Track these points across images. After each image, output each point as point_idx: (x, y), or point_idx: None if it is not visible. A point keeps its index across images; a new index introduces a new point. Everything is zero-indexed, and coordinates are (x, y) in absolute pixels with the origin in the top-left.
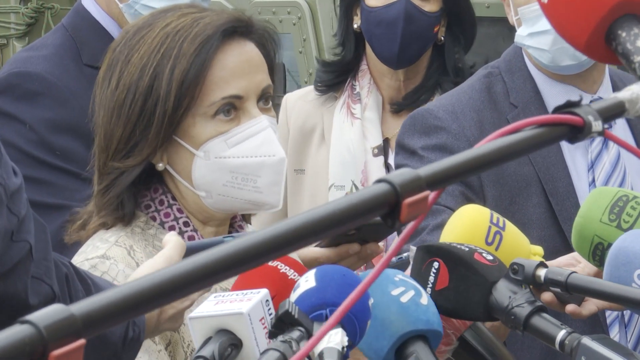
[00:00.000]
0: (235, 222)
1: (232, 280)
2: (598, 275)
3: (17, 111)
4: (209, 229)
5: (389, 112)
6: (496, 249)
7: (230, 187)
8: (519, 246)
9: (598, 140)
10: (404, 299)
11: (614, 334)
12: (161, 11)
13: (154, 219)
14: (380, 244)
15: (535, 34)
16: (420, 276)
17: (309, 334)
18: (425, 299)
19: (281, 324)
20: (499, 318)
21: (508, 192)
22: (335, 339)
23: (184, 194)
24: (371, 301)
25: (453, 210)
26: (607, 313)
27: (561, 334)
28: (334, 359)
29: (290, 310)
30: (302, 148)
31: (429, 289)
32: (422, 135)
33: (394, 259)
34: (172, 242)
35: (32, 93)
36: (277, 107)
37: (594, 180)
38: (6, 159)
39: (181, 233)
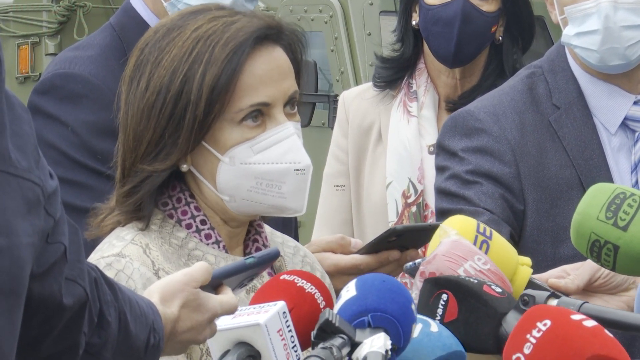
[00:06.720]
0: (254, 221)
1: None
2: (588, 283)
3: (60, 113)
4: (228, 228)
5: (445, 110)
6: None
7: (254, 193)
8: (506, 255)
9: None
10: (414, 334)
11: None
12: (191, 12)
13: (171, 216)
14: (420, 250)
15: (582, 34)
16: (428, 308)
17: (351, 341)
18: (434, 326)
19: (323, 334)
20: None
21: (549, 196)
22: (377, 342)
23: (207, 195)
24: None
25: (492, 213)
26: None
27: None
28: None
29: (330, 318)
30: (360, 145)
31: (437, 322)
32: (462, 137)
33: (407, 265)
34: (199, 264)
35: (75, 95)
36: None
37: (637, 182)
38: (44, 162)
39: (198, 231)
